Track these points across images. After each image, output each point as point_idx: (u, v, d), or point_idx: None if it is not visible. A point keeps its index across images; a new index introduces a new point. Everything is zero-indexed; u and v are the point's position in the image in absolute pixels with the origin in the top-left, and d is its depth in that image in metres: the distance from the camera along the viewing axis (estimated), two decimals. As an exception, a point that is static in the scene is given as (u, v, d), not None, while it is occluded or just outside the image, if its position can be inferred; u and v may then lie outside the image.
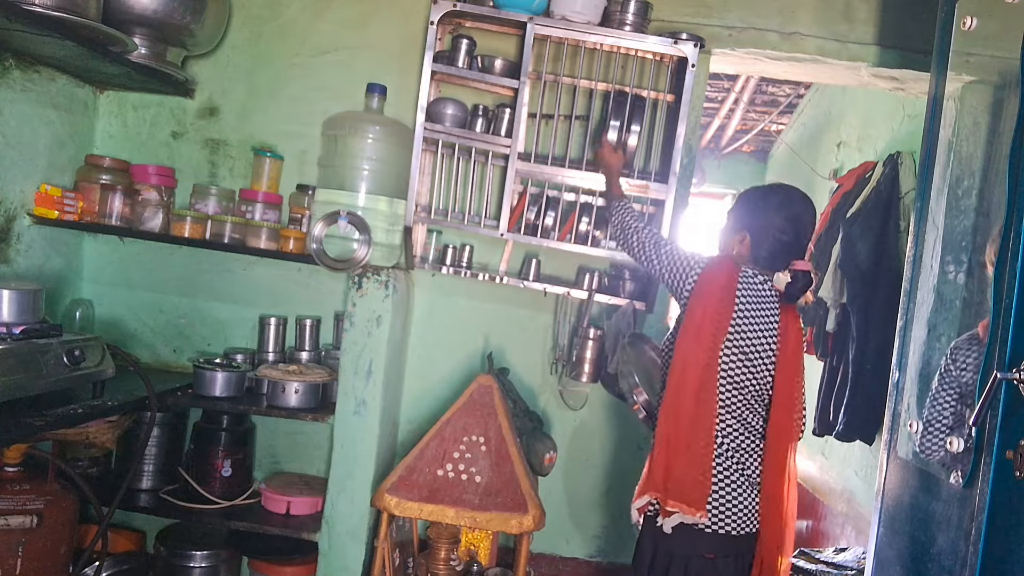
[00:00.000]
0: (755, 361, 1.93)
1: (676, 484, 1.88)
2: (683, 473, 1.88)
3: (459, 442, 2.38)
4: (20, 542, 1.97)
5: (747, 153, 6.98)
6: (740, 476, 1.92)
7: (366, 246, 2.45)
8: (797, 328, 2.03)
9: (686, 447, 1.88)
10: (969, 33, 2.01)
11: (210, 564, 2.61)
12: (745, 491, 1.92)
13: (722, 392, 1.91)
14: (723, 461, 1.91)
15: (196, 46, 2.64)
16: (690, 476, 1.88)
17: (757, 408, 1.96)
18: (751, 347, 1.93)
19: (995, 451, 1.64)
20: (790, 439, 1.98)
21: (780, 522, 1.96)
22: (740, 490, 1.91)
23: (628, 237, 2.13)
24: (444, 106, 2.57)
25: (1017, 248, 1.63)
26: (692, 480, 1.87)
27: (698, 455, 1.88)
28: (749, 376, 1.93)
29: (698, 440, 1.89)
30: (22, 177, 2.47)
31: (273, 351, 2.73)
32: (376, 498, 2.34)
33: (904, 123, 3.65)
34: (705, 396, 1.89)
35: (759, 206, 2.02)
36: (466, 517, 2.30)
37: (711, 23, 2.69)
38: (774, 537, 1.95)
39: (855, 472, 3.79)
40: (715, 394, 1.90)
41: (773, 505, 1.95)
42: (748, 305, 1.93)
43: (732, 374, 1.91)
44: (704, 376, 1.90)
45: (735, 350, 1.91)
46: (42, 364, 1.96)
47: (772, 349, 1.96)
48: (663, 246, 2.07)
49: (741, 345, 1.91)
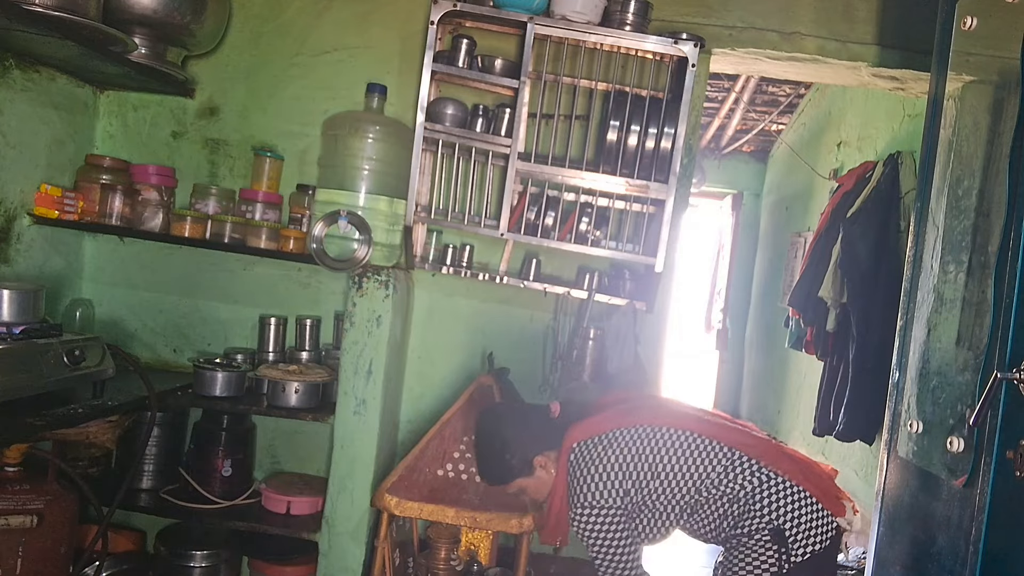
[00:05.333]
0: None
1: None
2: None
3: (459, 442, 2.38)
4: (20, 542, 1.97)
5: (747, 153, 6.98)
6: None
7: (366, 246, 2.45)
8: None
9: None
10: (969, 33, 2.02)
11: (210, 564, 2.61)
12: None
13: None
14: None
15: (196, 46, 2.64)
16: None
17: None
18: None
19: (995, 451, 1.64)
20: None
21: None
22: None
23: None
24: (444, 106, 2.57)
25: (1017, 248, 1.63)
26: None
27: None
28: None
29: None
30: (22, 177, 2.47)
31: (273, 351, 2.73)
32: (376, 498, 2.34)
33: (904, 123, 3.65)
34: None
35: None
36: (466, 517, 2.30)
37: (711, 23, 2.69)
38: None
39: (855, 472, 3.79)
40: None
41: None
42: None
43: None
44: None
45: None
46: (42, 364, 1.96)
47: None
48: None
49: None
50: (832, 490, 1.92)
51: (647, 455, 1.90)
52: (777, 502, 1.85)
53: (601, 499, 1.89)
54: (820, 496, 1.88)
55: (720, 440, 1.90)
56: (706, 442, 1.90)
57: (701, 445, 1.90)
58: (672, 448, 1.90)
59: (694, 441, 1.91)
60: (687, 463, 1.89)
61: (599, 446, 1.93)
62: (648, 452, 1.90)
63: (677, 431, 1.92)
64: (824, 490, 1.90)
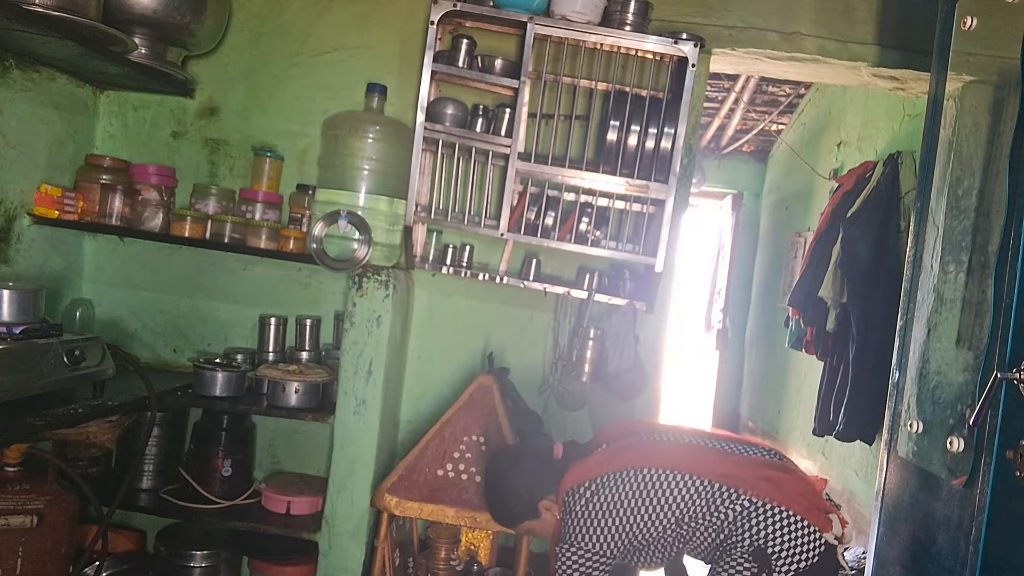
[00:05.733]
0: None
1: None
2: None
3: (459, 442, 2.38)
4: (20, 542, 1.97)
5: (747, 153, 6.98)
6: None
7: (366, 246, 2.45)
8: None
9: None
10: (969, 33, 2.02)
11: (210, 564, 2.61)
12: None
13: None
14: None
15: (196, 46, 2.64)
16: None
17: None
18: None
19: (995, 451, 1.64)
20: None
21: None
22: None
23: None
24: (444, 106, 2.57)
25: (1017, 248, 1.63)
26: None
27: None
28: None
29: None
30: (22, 177, 2.47)
31: (273, 351, 2.73)
32: (376, 498, 2.34)
33: (904, 123, 3.65)
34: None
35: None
36: (466, 517, 2.30)
37: (711, 23, 2.69)
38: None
39: (855, 472, 3.79)
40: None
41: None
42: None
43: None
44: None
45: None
46: (42, 364, 1.96)
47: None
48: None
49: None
50: (819, 504, 1.96)
51: (632, 499, 1.98)
52: (757, 525, 1.91)
53: (588, 543, 1.98)
54: (805, 513, 1.92)
55: (702, 475, 1.98)
56: (688, 480, 1.97)
57: (684, 483, 1.97)
58: (656, 489, 1.98)
59: (677, 480, 1.98)
60: (670, 502, 1.96)
61: (588, 492, 2.01)
62: (633, 496, 1.98)
63: (661, 472, 1.99)
64: (809, 505, 1.94)
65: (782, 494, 1.94)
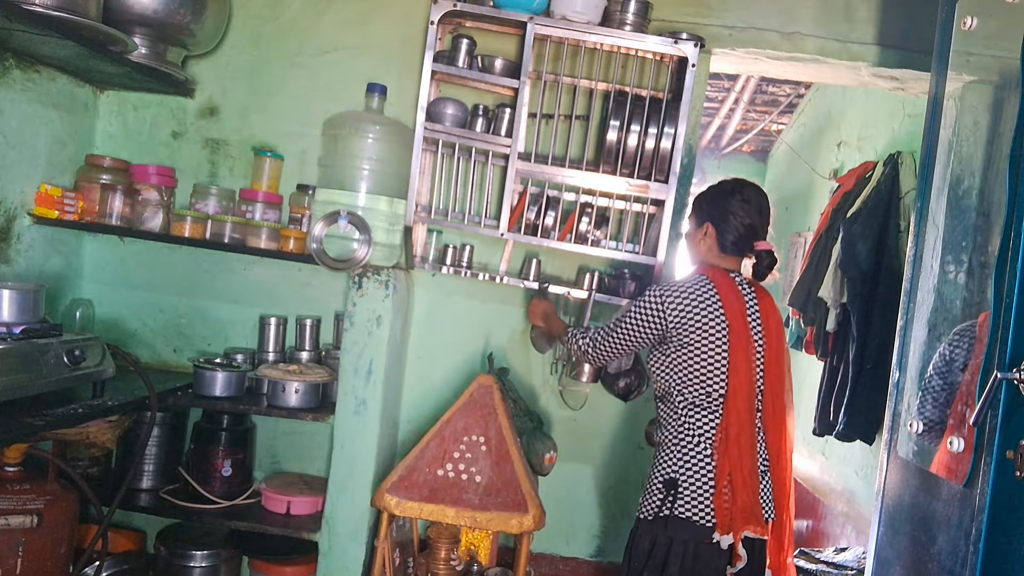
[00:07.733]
0: (752, 359, 2.01)
1: (745, 511, 1.96)
2: (752, 500, 1.97)
3: (459, 442, 2.38)
4: (20, 542, 1.97)
5: (747, 153, 6.98)
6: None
7: (366, 246, 2.45)
8: (773, 308, 2.12)
9: (750, 473, 1.97)
10: (969, 33, 2.02)
11: (210, 564, 2.61)
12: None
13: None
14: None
15: (196, 46, 2.64)
16: (753, 498, 1.97)
17: (755, 399, 2.05)
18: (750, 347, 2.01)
19: (995, 451, 1.64)
20: (783, 422, 2.08)
21: (785, 491, 2.08)
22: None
23: (595, 350, 2.19)
24: (444, 106, 2.57)
25: (1017, 248, 1.63)
26: (755, 502, 1.97)
27: (753, 473, 1.98)
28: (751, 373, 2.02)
29: (753, 460, 1.99)
30: (22, 177, 2.47)
31: (273, 351, 2.73)
32: (376, 498, 2.34)
33: (904, 123, 3.65)
34: (752, 416, 2.01)
35: (716, 197, 2.13)
36: (466, 517, 2.30)
37: (711, 23, 2.69)
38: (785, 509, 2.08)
39: (855, 472, 3.79)
40: (756, 413, 2.03)
41: (779, 486, 2.08)
42: (736, 306, 2.01)
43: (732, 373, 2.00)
44: (752, 397, 2.01)
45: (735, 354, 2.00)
46: (42, 364, 1.96)
47: (760, 342, 2.05)
48: (619, 323, 2.11)
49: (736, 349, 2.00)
50: (753, 510, 1.97)
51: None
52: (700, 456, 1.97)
53: (665, 295, 2.02)
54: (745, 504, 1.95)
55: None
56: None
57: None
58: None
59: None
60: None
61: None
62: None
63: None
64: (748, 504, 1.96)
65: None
